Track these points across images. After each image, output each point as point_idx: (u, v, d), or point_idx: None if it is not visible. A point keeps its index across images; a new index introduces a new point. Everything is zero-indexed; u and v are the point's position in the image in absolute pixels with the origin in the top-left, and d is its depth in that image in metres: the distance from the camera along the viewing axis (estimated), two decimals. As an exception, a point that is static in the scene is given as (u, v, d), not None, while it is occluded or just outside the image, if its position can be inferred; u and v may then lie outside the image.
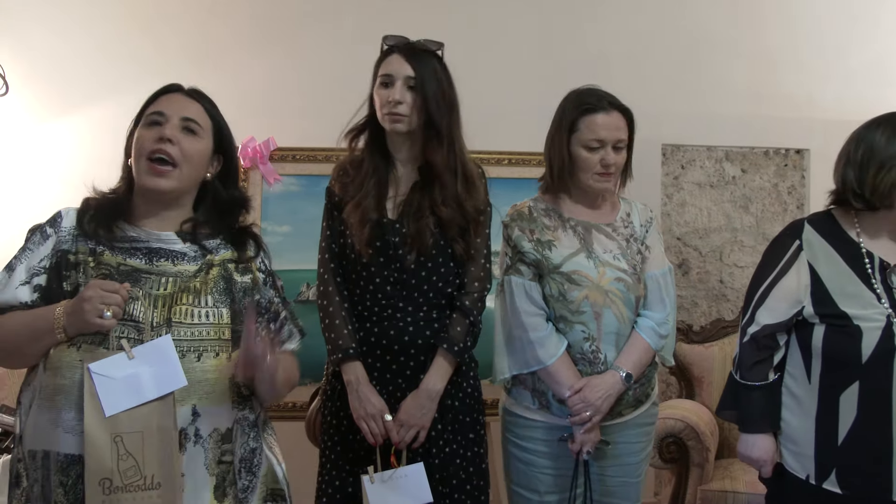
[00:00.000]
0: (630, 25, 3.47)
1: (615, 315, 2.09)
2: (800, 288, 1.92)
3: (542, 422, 2.14)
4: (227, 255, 1.70)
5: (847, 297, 1.88)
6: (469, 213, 2.01)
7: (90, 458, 1.46)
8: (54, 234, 1.62)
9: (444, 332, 2.01)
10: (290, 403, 3.00)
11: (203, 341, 1.58)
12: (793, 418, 1.95)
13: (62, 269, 1.58)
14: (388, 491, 1.94)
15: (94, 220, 1.62)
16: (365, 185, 2.02)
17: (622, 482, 2.15)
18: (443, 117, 1.98)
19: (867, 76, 3.52)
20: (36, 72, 3.20)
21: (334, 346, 2.01)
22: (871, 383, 1.84)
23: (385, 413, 1.96)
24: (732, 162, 3.58)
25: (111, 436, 1.47)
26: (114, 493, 1.46)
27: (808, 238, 1.95)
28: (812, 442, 1.91)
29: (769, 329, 1.95)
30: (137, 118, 1.69)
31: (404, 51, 2.01)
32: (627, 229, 2.17)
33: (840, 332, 1.87)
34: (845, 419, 1.87)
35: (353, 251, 2.02)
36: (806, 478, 1.92)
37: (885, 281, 1.89)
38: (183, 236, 1.66)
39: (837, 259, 1.92)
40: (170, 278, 1.60)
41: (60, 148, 3.19)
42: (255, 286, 1.71)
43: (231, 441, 1.61)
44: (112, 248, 1.60)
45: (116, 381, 1.49)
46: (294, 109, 3.29)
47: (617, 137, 2.09)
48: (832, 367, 1.89)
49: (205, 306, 1.60)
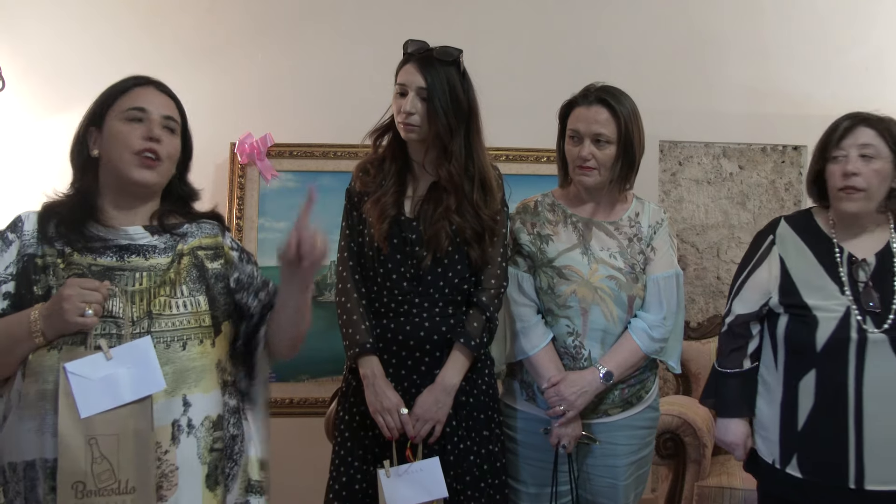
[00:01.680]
0: (628, 22, 3.47)
1: (603, 313, 2.09)
2: (770, 280, 2.05)
3: (527, 413, 2.15)
4: (196, 243, 1.69)
5: (811, 290, 1.98)
6: (485, 221, 2.03)
7: (63, 459, 1.43)
8: (17, 239, 1.58)
9: (460, 327, 2.02)
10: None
11: (185, 330, 1.58)
12: (763, 404, 2.06)
13: (30, 273, 1.55)
14: (404, 485, 1.95)
15: (63, 224, 1.59)
16: (385, 183, 2.05)
17: (610, 483, 2.13)
18: (452, 130, 1.99)
19: (865, 73, 3.52)
20: (33, 68, 3.19)
21: (351, 342, 2.02)
22: (827, 371, 1.93)
23: (401, 407, 1.97)
24: (730, 158, 3.58)
25: (86, 438, 1.44)
26: (87, 497, 1.43)
27: (782, 234, 2.09)
28: (777, 427, 2.01)
29: (742, 318, 2.08)
30: (100, 109, 1.65)
31: (419, 60, 2.01)
32: (633, 229, 2.16)
33: (800, 322, 1.97)
34: (804, 405, 1.96)
35: (370, 248, 2.04)
36: (773, 462, 2.02)
37: (851, 275, 1.97)
38: (151, 229, 1.65)
39: (808, 253, 2.03)
40: (144, 273, 1.59)
41: (57, 144, 3.18)
42: (230, 266, 1.72)
43: (222, 428, 1.60)
44: (81, 250, 1.57)
45: (93, 381, 1.46)
46: (291, 106, 3.29)
47: (594, 131, 2.07)
48: (792, 355, 1.99)
49: (181, 296, 1.60)
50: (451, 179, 2.00)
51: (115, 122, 1.63)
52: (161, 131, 1.63)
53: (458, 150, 2.00)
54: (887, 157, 1.96)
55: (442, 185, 2.02)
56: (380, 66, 2.18)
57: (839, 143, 1.98)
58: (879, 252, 1.99)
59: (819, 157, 2.05)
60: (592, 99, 2.10)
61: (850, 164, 1.95)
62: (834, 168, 1.99)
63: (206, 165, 3.11)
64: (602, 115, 2.08)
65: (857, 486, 1.90)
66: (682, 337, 2.26)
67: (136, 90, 1.66)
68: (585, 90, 2.13)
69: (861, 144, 1.95)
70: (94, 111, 1.66)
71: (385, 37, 3.30)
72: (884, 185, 1.97)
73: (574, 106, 2.13)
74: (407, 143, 2.07)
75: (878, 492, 1.90)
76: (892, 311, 1.92)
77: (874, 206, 1.98)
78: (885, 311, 1.92)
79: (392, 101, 2.06)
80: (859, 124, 1.98)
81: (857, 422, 1.89)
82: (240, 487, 1.67)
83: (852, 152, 1.96)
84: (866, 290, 1.95)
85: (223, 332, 1.66)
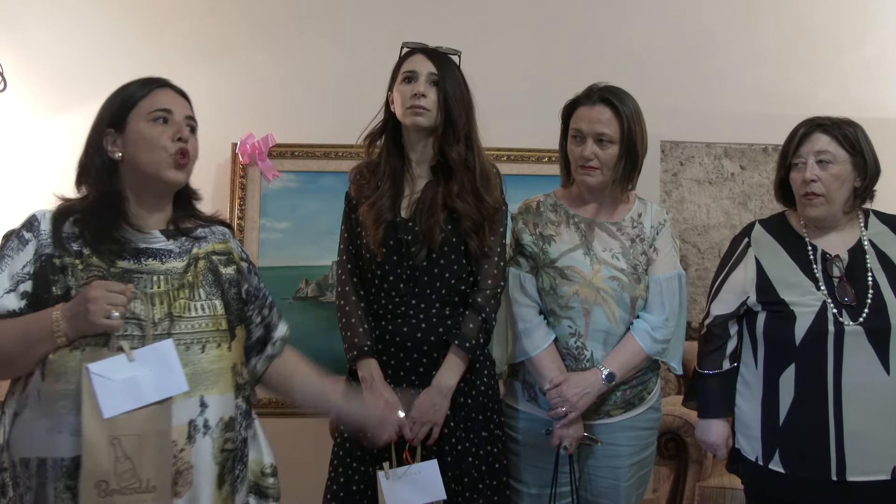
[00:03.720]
0: (630, 22, 3.47)
1: (605, 313, 2.09)
2: (746, 280, 2.08)
3: (529, 414, 2.15)
4: (210, 248, 1.70)
5: (787, 287, 2.03)
6: (487, 208, 2.03)
7: (87, 458, 1.44)
8: (34, 239, 1.58)
9: (456, 328, 2.02)
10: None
11: (204, 333, 1.59)
12: (744, 403, 2.09)
13: (48, 273, 1.55)
14: (403, 487, 1.95)
15: (87, 227, 1.58)
16: (381, 186, 2.05)
17: (611, 484, 2.13)
18: (460, 115, 2.02)
19: (866, 73, 3.51)
20: (34, 69, 3.19)
21: (350, 345, 2.03)
22: (806, 365, 1.97)
23: (399, 409, 1.97)
24: (731, 158, 3.58)
25: (109, 438, 1.45)
26: (109, 496, 1.44)
27: (757, 236, 2.14)
28: (759, 424, 2.04)
29: (720, 319, 2.12)
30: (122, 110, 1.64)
31: (426, 52, 2.06)
32: (635, 229, 2.16)
33: (777, 317, 2.01)
34: (784, 400, 2.00)
35: (367, 251, 2.04)
36: (755, 459, 2.05)
37: (825, 271, 2.02)
38: (167, 233, 1.66)
39: (782, 253, 2.08)
40: (161, 276, 1.60)
41: (58, 145, 3.19)
42: (241, 274, 1.73)
43: (234, 429, 1.61)
44: (97, 251, 1.57)
45: (116, 382, 1.47)
46: (292, 106, 3.29)
47: (597, 130, 2.07)
48: (771, 351, 2.03)
49: (200, 299, 1.61)
50: (461, 159, 2.01)
51: (140, 123, 1.63)
52: (186, 131, 1.65)
53: (464, 137, 2.03)
54: (844, 160, 2.01)
55: (440, 178, 2.03)
56: (380, 66, 2.18)
57: (797, 151, 2.06)
58: (852, 248, 2.05)
59: (782, 164, 2.12)
60: (595, 98, 2.10)
61: (807, 171, 2.01)
62: (794, 175, 2.06)
63: (207, 166, 3.10)
64: (605, 115, 2.08)
65: (839, 478, 1.93)
66: (684, 338, 2.25)
67: (158, 92, 1.67)
68: (588, 90, 2.13)
69: (817, 151, 2.02)
70: (114, 114, 1.65)
71: (385, 37, 3.28)
72: (844, 188, 2.02)
73: (577, 106, 2.13)
74: (404, 139, 2.07)
75: (859, 482, 1.93)
76: (867, 305, 1.96)
77: (837, 209, 2.04)
78: (860, 305, 1.97)
79: (386, 98, 2.06)
80: (814, 131, 2.04)
81: (836, 414, 1.93)
82: (247, 489, 1.69)
83: (810, 159, 2.02)
84: (841, 285, 1.99)
85: (237, 337, 1.68)
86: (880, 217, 2.11)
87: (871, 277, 2.00)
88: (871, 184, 2.05)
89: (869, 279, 1.99)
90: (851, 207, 2.06)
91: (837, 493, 1.94)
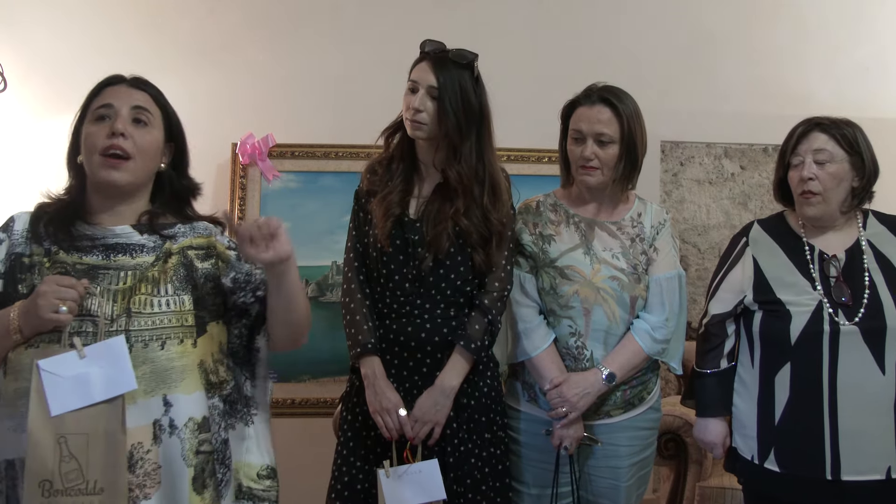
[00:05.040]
0: (629, 22, 3.47)
1: (605, 313, 2.09)
2: (744, 279, 2.09)
3: (530, 414, 2.15)
4: (187, 242, 1.67)
5: (784, 286, 2.03)
6: (493, 225, 2.02)
7: (31, 458, 1.41)
8: (7, 239, 1.59)
9: (461, 329, 2.02)
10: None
11: (165, 329, 1.56)
12: (741, 402, 2.10)
13: (17, 272, 1.55)
14: (403, 486, 1.95)
15: (52, 224, 1.59)
16: (392, 182, 2.05)
17: (611, 485, 2.13)
18: (462, 131, 1.99)
19: (866, 73, 3.52)
20: (34, 69, 3.19)
21: (354, 342, 2.03)
22: (801, 364, 1.97)
23: (400, 408, 1.97)
24: (731, 159, 3.58)
25: (55, 436, 1.42)
26: (53, 496, 1.41)
27: (755, 236, 2.15)
28: (755, 423, 2.04)
29: (717, 318, 2.13)
30: (82, 113, 1.66)
31: (433, 60, 2.02)
32: (635, 229, 2.16)
33: (773, 316, 2.02)
34: (780, 399, 2.00)
35: (374, 248, 2.04)
36: (751, 458, 2.05)
37: (822, 270, 2.02)
38: (140, 228, 1.64)
39: (779, 252, 2.09)
40: (129, 272, 1.58)
41: (57, 145, 3.17)
42: (226, 266, 1.69)
43: (208, 430, 1.57)
44: (68, 248, 1.57)
45: (65, 379, 1.44)
46: (293, 106, 3.29)
47: (597, 130, 2.07)
48: (767, 349, 2.04)
49: (164, 295, 1.58)
50: (460, 180, 1.99)
51: (86, 125, 1.63)
52: (128, 125, 1.61)
53: (468, 153, 2.00)
54: (842, 159, 2.02)
55: (449, 187, 2.01)
56: (381, 66, 2.19)
57: (795, 150, 2.06)
58: (849, 248, 2.05)
59: (780, 164, 2.13)
60: (595, 98, 2.10)
61: (805, 170, 2.02)
62: (792, 174, 2.07)
63: (207, 166, 3.10)
64: (605, 115, 2.08)
65: (834, 478, 1.94)
66: (684, 338, 2.25)
67: (106, 90, 1.66)
68: (588, 90, 2.13)
69: (815, 150, 2.03)
70: (78, 118, 1.67)
71: (385, 37, 3.31)
72: (842, 187, 2.03)
73: (576, 106, 2.13)
74: (415, 143, 2.07)
75: (854, 482, 1.93)
76: (863, 305, 1.97)
77: (834, 208, 2.04)
78: (856, 305, 1.97)
79: (403, 98, 2.06)
80: (813, 130, 2.05)
81: (831, 413, 1.94)
82: (233, 493, 1.64)
83: (807, 158, 2.03)
84: (837, 285, 2.00)
85: (208, 333, 1.63)
86: (879, 217, 2.12)
87: (868, 277, 2.00)
88: (870, 184, 2.06)
89: (866, 279, 2.00)
90: (849, 207, 2.06)
91: (832, 492, 1.94)
